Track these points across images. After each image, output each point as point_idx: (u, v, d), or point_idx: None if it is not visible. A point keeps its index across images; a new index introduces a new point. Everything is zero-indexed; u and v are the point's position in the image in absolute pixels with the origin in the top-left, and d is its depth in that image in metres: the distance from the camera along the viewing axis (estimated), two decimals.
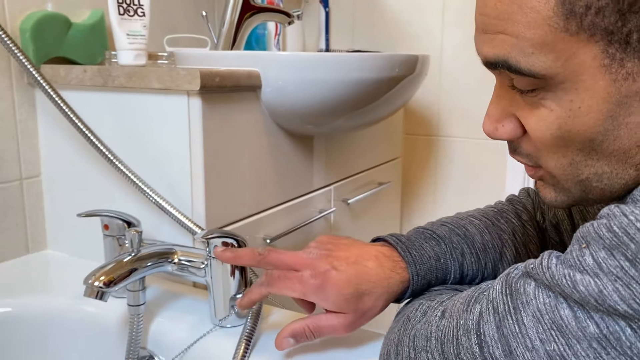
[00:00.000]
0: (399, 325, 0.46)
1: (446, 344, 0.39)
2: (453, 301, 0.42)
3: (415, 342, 0.42)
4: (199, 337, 0.62)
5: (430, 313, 0.43)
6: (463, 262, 0.56)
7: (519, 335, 0.35)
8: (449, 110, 1.38)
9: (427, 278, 0.53)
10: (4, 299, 0.69)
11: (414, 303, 0.50)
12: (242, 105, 0.76)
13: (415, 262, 0.53)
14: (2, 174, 0.80)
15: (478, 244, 0.57)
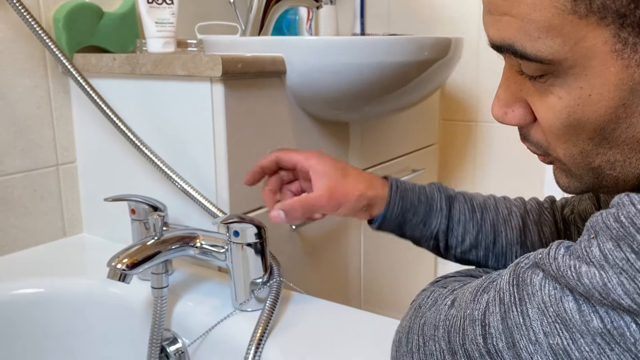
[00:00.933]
0: (410, 313, 0.45)
1: (453, 333, 0.38)
2: (463, 290, 0.41)
3: (424, 330, 0.41)
4: (219, 321, 0.62)
5: (441, 302, 0.42)
6: (454, 202, 0.61)
7: (522, 328, 0.34)
8: (489, 94, 1.34)
9: (408, 195, 0.60)
10: (37, 279, 0.72)
11: (427, 291, 0.49)
12: (267, 91, 0.76)
13: (397, 180, 0.62)
14: (39, 160, 0.83)
15: (477, 200, 0.62)
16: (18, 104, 0.79)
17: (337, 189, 0.59)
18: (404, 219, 0.61)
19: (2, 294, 0.69)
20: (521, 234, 0.60)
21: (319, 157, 0.61)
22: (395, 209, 0.61)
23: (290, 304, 0.65)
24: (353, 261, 1.04)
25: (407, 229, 0.62)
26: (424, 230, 0.62)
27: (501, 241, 0.60)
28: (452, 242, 0.61)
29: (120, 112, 0.75)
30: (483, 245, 0.61)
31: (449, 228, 0.61)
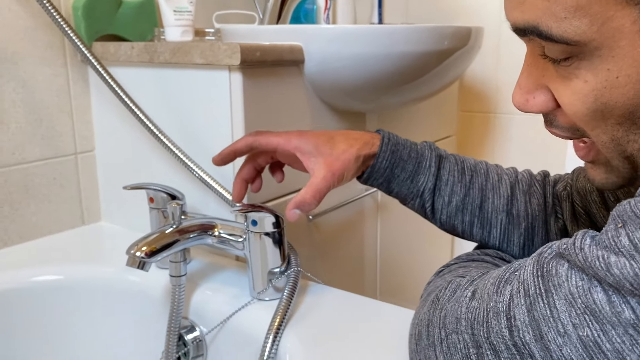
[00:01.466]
0: (428, 305, 0.45)
1: (476, 326, 0.37)
2: (484, 281, 0.40)
3: (445, 323, 0.41)
4: (237, 309, 0.62)
5: (460, 293, 0.41)
6: (444, 162, 0.60)
7: (550, 320, 0.33)
8: (508, 86, 1.32)
9: (399, 150, 0.60)
10: (57, 267, 0.73)
11: (442, 280, 0.48)
12: (285, 80, 0.76)
13: (390, 133, 0.61)
14: (58, 148, 0.83)
15: (468, 162, 0.61)
16: (38, 92, 0.80)
17: (335, 163, 0.57)
18: (392, 174, 0.60)
19: (23, 281, 0.70)
20: (508, 202, 0.59)
21: (300, 136, 0.59)
22: (385, 162, 0.59)
23: (307, 294, 0.65)
24: (369, 252, 1.04)
25: (394, 185, 0.61)
26: (411, 187, 0.60)
27: (487, 207, 0.59)
28: (439, 203, 0.60)
29: (138, 100, 0.75)
30: (469, 209, 0.59)
31: (436, 187, 0.60)
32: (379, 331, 0.57)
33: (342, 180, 0.58)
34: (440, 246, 1.36)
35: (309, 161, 0.58)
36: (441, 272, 0.53)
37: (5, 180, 0.78)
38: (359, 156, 0.58)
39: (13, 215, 0.79)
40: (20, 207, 0.80)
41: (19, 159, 0.79)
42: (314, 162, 0.58)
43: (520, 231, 0.59)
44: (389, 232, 1.08)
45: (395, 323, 0.58)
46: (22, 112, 0.79)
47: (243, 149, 0.62)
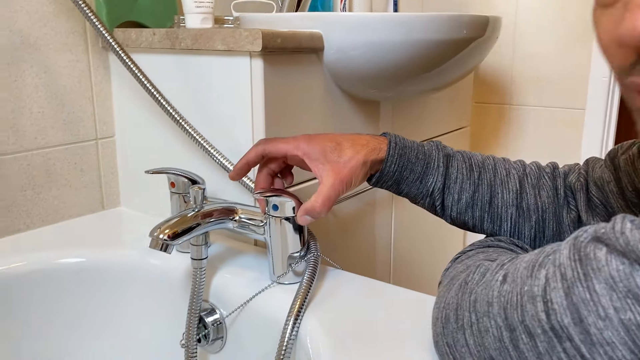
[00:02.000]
0: (455, 289, 0.45)
1: (509, 309, 0.38)
2: (515, 265, 0.40)
3: (476, 306, 0.41)
4: (257, 292, 0.63)
5: (490, 277, 0.41)
6: (452, 161, 0.61)
7: (590, 303, 0.33)
8: (524, 77, 1.31)
9: (406, 152, 0.61)
10: (79, 250, 0.74)
11: (464, 265, 0.48)
12: (304, 67, 0.76)
13: (396, 137, 0.62)
14: (79, 133, 0.85)
15: (476, 159, 0.62)
16: (60, 78, 0.81)
17: (343, 170, 0.58)
18: (401, 176, 0.61)
19: (46, 262, 0.71)
20: (517, 196, 0.60)
21: (308, 141, 0.60)
22: (393, 166, 0.61)
23: (326, 279, 0.66)
24: (383, 239, 1.04)
25: (403, 186, 0.62)
26: (420, 188, 0.62)
27: (497, 202, 0.60)
28: (449, 201, 0.61)
29: (159, 86, 0.75)
30: (479, 205, 0.60)
31: (445, 186, 0.61)
32: (399, 315, 0.57)
33: (351, 186, 0.60)
34: (453, 234, 1.36)
35: (317, 168, 0.59)
36: (459, 258, 0.53)
37: (29, 164, 0.79)
38: (366, 162, 0.60)
39: (35, 199, 0.81)
40: (43, 191, 0.81)
41: (41, 144, 0.80)
42: (322, 170, 0.59)
43: (530, 224, 0.60)
44: (402, 219, 1.09)
45: (414, 308, 0.59)
46: (45, 97, 0.80)
47: (255, 159, 0.63)
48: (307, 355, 0.54)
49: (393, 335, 0.53)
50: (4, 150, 0.76)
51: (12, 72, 0.76)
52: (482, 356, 0.40)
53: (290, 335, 0.55)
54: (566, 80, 1.26)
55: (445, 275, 0.52)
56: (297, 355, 0.57)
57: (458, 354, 0.43)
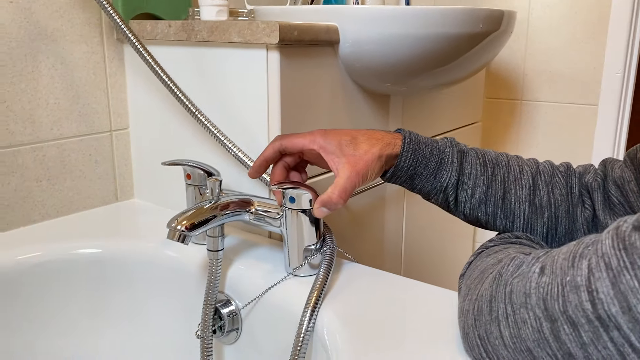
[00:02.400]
0: (489, 281, 0.45)
1: (549, 300, 0.38)
2: (552, 257, 0.40)
3: (512, 298, 0.41)
4: (273, 284, 0.63)
5: (527, 269, 0.41)
6: (465, 157, 0.61)
7: (638, 292, 0.33)
8: (536, 72, 1.31)
9: (420, 148, 0.61)
10: (95, 241, 0.74)
11: (500, 257, 0.48)
12: (320, 60, 0.76)
13: (410, 133, 0.62)
14: (94, 125, 0.85)
15: (489, 155, 0.62)
16: (76, 69, 0.81)
17: (359, 163, 0.59)
18: (415, 172, 0.62)
19: (63, 253, 0.71)
20: (530, 193, 0.60)
21: (324, 135, 0.61)
22: (407, 162, 0.61)
23: (341, 272, 0.66)
24: (394, 233, 1.04)
25: (417, 182, 0.63)
26: (434, 183, 0.62)
27: (510, 198, 0.61)
28: (462, 196, 0.62)
29: (174, 79, 0.75)
30: (492, 201, 0.61)
31: (459, 181, 0.61)
32: (416, 308, 0.57)
33: (366, 179, 0.60)
34: (464, 229, 1.36)
35: (333, 162, 0.60)
36: (482, 253, 0.53)
37: (44, 155, 0.79)
38: (381, 156, 0.60)
39: (51, 189, 0.81)
40: (58, 182, 0.82)
41: (56, 135, 0.80)
42: (338, 163, 0.59)
43: (543, 220, 0.60)
44: (414, 214, 1.09)
45: (431, 301, 0.59)
46: (60, 88, 0.80)
47: (272, 156, 0.64)
48: (325, 347, 0.54)
49: (411, 328, 0.53)
50: (21, 141, 0.77)
51: (29, 63, 0.76)
52: (517, 348, 0.40)
53: (307, 327, 0.55)
54: (579, 75, 1.25)
55: (469, 269, 0.52)
56: (313, 347, 0.57)
57: (490, 346, 0.43)
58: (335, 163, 0.60)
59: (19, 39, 0.74)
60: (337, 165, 0.59)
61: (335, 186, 0.59)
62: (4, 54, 0.73)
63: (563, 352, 0.37)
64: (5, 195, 0.76)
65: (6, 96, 0.74)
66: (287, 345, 0.62)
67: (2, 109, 0.74)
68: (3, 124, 0.74)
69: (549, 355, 0.38)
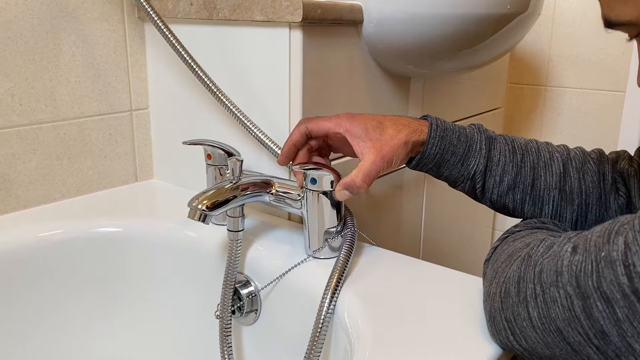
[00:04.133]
0: (517, 262, 0.44)
1: (582, 277, 0.37)
2: (584, 237, 0.39)
3: (542, 277, 0.40)
4: (293, 266, 0.63)
5: (558, 248, 0.40)
6: (494, 143, 0.60)
7: None
8: (561, 57, 1.28)
9: (448, 135, 0.60)
10: (115, 220, 0.74)
11: (528, 240, 0.47)
12: (343, 40, 0.75)
13: (437, 119, 0.61)
14: (114, 104, 0.85)
15: (519, 142, 0.61)
16: (97, 47, 0.81)
17: (384, 148, 0.58)
18: (442, 159, 0.61)
19: (84, 231, 0.71)
20: (561, 179, 0.59)
21: (350, 119, 0.60)
22: (434, 149, 0.60)
23: (362, 255, 0.65)
24: (414, 218, 1.03)
25: (444, 169, 0.62)
26: (462, 170, 0.61)
27: (539, 185, 0.59)
28: (490, 183, 0.60)
29: (196, 58, 0.75)
30: (521, 187, 0.60)
31: (487, 168, 0.60)
32: (438, 292, 0.56)
33: (392, 165, 0.59)
34: (485, 215, 1.34)
35: (358, 146, 0.59)
36: (508, 238, 0.52)
37: (65, 133, 0.79)
38: (407, 142, 0.59)
39: (71, 168, 0.81)
40: (78, 161, 0.82)
41: (77, 113, 0.80)
42: (363, 147, 0.59)
43: (573, 207, 0.59)
44: (434, 200, 1.07)
45: (453, 285, 0.58)
46: (81, 66, 0.80)
47: (300, 139, 0.63)
48: (345, 329, 0.54)
49: (433, 312, 0.53)
50: (42, 119, 0.77)
51: (50, 41, 0.76)
52: (546, 328, 0.39)
53: (327, 309, 0.55)
54: (606, 61, 1.22)
55: (497, 253, 0.51)
56: (334, 329, 0.56)
57: (518, 329, 0.42)
58: (361, 147, 0.59)
59: (40, 15, 0.74)
60: (362, 149, 0.59)
61: (360, 169, 0.58)
62: (26, 30, 0.73)
63: (595, 330, 0.36)
64: (27, 173, 0.76)
65: (28, 73, 0.74)
66: (306, 327, 0.62)
67: (24, 86, 0.74)
68: (25, 101, 0.74)
69: (580, 334, 0.37)
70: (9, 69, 0.72)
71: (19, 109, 0.74)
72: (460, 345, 0.47)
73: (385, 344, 0.48)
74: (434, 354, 0.46)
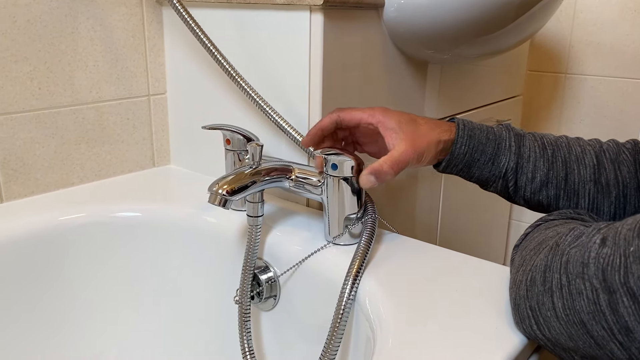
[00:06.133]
0: (545, 251, 0.43)
1: (609, 271, 0.36)
2: (615, 229, 0.38)
3: (568, 268, 0.39)
4: (313, 252, 0.62)
5: (587, 239, 0.39)
6: (523, 140, 0.59)
7: None
8: (583, 44, 1.25)
9: (476, 134, 0.60)
10: (133, 205, 0.74)
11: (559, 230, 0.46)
12: (363, 24, 0.74)
13: (464, 120, 0.61)
14: (132, 89, 0.84)
15: (548, 138, 0.60)
16: (115, 31, 0.80)
17: (417, 141, 0.58)
18: (471, 159, 0.60)
19: (105, 215, 0.71)
20: (595, 172, 0.58)
21: (384, 112, 0.60)
22: (463, 148, 0.60)
23: (382, 242, 0.64)
24: (431, 210, 1.02)
25: (474, 169, 0.61)
26: (493, 169, 0.60)
27: (573, 178, 0.58)
28: (522, 181, 0.59)
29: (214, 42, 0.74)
30: (554, 183, 0.58)
31: (518, 165, 0.59)
32: (460, 280, 0.56)
33: (421, 160, 0.59)
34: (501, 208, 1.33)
35: (390, 136, 0.58)
36: (540, 226, 0.51)
37: (83, 117, 0.79)
38: (439, 141, 0.59)
39: (89, 152, 0.81)
40: (96, 145, 0.82)
41: (95, 97, 0.80)
42: (395, 138, 0.58)
43: (610, 200, 0.57)
44: (451, 188, 1.06)
45: (474, 273, 0.57)
46: (99, 50, 0.79)
47: (329, 126, 0.62)
48: (366, 316, 0.53)
49: (455, 299, 0.52)
50: (61, 103, 0.76)
51: (69, 24, 0.75)
52: (570, 320, 0.38)
53: (349, 295, 0.54)
54: (629, 48, 1.20)
55: (527, 240, 0.50)
56: (355, 315, 0.56)
57: (542, 318, 0.41)
58: (393, 138, 0.58)
59: None
60: (394, 140, 0.58)
61: (389, 157, 0.57)
62: (45, 13, 0.72)
63: (620, 326, 0.35)
64: (46, 157, 0.76)
65: (47, 57, 0.74)
66: (325, 313, 0.62)
67: (43, 70, 0.74)
68: (44, 85, 0.74)
69: (604, 328, 0.36)
70: (28, 53, 0.72)
71: (38, 92, 0.74)
72: (485, 334, 0.47)
73: (409, 331, 0.47)
74: (458, 342, 0.46)
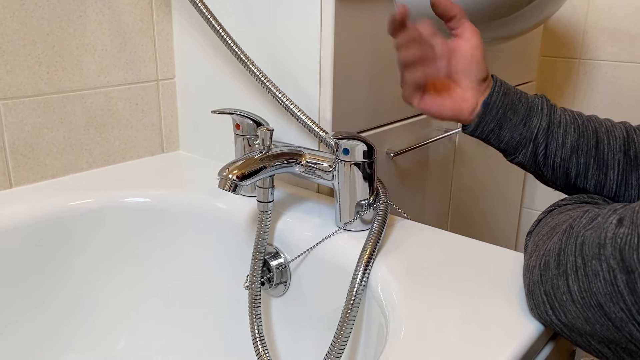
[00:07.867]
0: (559, 235, 0.42)
1: (627, 250, 0.35)
2: (632, 208, 0.37)
3: (583, 250, 0.38)
4: (324, 238, 0.62)
5: (603, 220, 0.38)
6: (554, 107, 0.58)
7: None
8: (597, 29, 1.23)
9: (510, 93, 0.58)
10: (143, 190, 0.74)
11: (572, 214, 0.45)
12: (375, 7, 0.72)
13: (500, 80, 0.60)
14: (141, 74, 0.83)
15: (578, 112, 0.59)
16: (123, 15, 0.79)
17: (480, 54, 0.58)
18: (504, 117, 0.58)
19: (114, 200, 0.71)
20: (625, 143, 0.56)
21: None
22: (498, 102, 0.58)
23: (394, 228, 0.64)
24: (442, 195, 1.01)
25: (505, 130, 0.58)
26: (524, 131, 0.58)
27: (603, 147, 0.56)
28: (552, 145, 0.57)
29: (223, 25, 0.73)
30: (584, 150, 0.56)
31: (549, 129, 0.57)
32: (472, 266, 0.55)
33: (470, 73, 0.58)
34: (512, 194, 1.32)
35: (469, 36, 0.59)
36: (554, 211, 0.50)
37: (92, 102, 0.79)
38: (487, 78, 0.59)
39: (98, 138, 0.81)
40: (105, 131, 0.81)
41: (104, 82, 0.79)
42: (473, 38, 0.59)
43: (638, 173, 0.56)
44: (462, 176, 1.05)
45: (487, 259, 0.56)
46: (108, 34, 0.78)
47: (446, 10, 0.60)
48: (378, 302, 0.52)
49: (468, 285, 0.51)
50: (69, 87, 0.76)
51: (77, 7, 0.74)
52: (587, 303, 0.37)
53: (360, 281, 0.54)
54: None
55: (540, 226, 0.49)
56: (366, 301, 0.55)
57: (557, 302, 0.40)
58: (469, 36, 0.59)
59: None
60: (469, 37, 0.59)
61: None
62: None
63: (639, 307, 0.35)
64: (55, 142, 0.76)
65: (55, 41, 0.73)
66: (336, 300, 0.61)
67: (51, 54, 0.73)
68: (52, 70, 0.74)
69: (622, 310, 0.36)
70: (36, 36, 0.71)
71: (46, 77, 0.73)
72: (499, 322, 0.46)
73: (422, 318, 0.46)
74: (472, 330, 0.45)
